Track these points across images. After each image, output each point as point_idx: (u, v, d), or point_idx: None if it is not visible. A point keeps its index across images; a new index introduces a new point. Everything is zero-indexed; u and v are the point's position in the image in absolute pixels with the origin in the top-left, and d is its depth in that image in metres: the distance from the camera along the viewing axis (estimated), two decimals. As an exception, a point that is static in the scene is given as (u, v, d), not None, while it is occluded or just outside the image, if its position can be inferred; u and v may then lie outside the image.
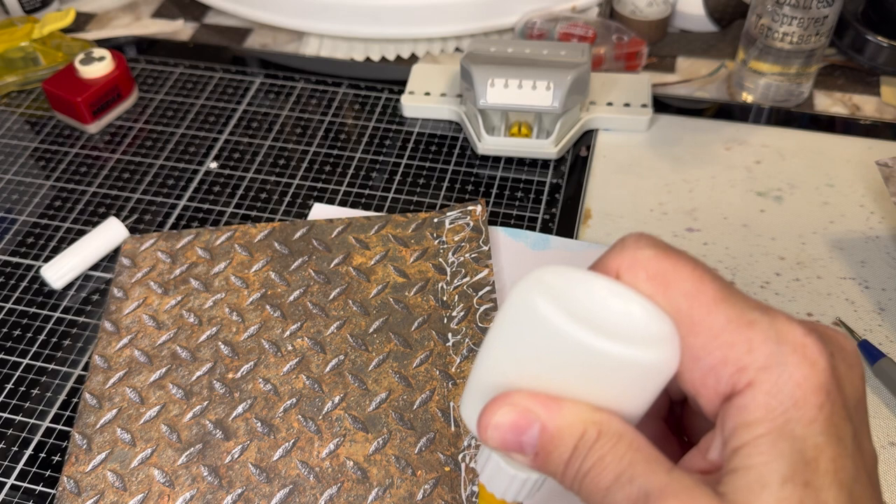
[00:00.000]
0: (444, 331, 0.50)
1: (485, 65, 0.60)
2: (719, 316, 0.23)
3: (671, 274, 0.24)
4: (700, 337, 0.23)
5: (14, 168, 0.65)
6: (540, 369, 0.23)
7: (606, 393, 0.23)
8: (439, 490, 0.44)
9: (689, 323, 0.23)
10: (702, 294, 0.23)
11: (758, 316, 0.23)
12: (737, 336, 0.23)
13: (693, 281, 0.23)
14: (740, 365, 0.22)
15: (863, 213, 0.58)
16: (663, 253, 0.24)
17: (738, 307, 0.23)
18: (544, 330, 0.23)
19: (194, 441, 0.47)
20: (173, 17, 0.81)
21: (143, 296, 0.54)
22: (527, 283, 0.24)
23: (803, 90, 0.66)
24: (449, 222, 0.56)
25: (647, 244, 0.24)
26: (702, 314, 0.23)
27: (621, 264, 0.24)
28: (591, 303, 0.23)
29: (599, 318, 0.23)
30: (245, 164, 0.64)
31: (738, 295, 0.23)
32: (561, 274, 0.24)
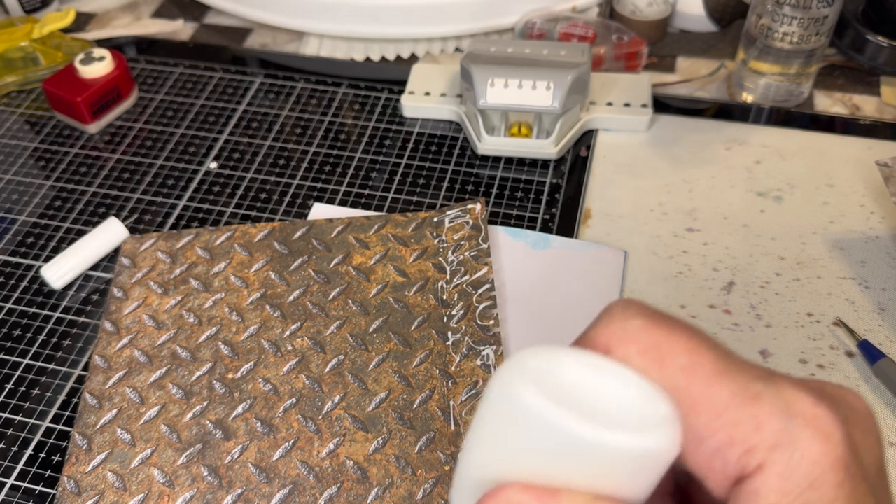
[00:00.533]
0: (444, 330, 0.50)
1: (485, 65, 0.60)
2: (721, 391, 0.21)
3: (666, 346, 0.22)
4: (702, 416, 0.21)
5: (14, 168, 0.65)
6: (531, 461, 0.22)
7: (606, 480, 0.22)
8: (439, 489, 0.44)
9: (688, 401, 0.21)
10: (700, 367, 0.21)
11: (762, 387, 0.21)
12: (742, 413, 0.21)
13: (690, 353, 0.21)
14: (748, 445, 0.21)
15: (863, 213, 0.58)
16: (654, 322, 0.22)
17: (741, 379, 0.21)
18: (531, 420, 0.21)
19: (194, 441, 0.47)
20: (173, 17, 0.81)
21: (143, 296, 0.54)
22: (508, 369, 0.22)
23: (803, 90, 0.66)
24: (448, 221, 0.56)
25: (636, 313, 0.22)
26: (702, 390, 0.21)
27: (610, 338, 0.22)
28: (580, 385, 0.21)
29: (591, 403, 0.21)
30: (245, 164, 0.64)
31: (738, 364, 0.22)
32: (544, 356, 0.22)
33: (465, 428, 0.46)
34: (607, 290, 0.53)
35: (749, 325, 0.51)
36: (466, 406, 0.47)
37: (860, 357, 0.49)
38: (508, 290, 0.53)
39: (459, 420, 0.46)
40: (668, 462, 0.22)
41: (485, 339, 0.50)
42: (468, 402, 0.47)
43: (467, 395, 0.47)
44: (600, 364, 0.22)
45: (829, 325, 0.51)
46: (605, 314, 0.23)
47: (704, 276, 0.54)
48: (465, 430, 0.46)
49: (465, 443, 0.24)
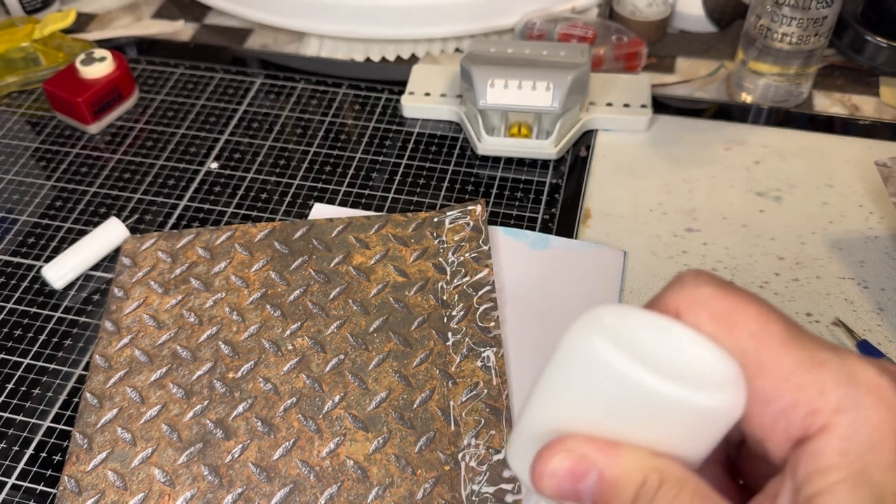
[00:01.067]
0: (444, 330, 0.51)
1: (485, 65, 0.61)
2: (788, 357, 0.22)
3: (736, 313, 0.23)
4: (768, 379, 0.22)
5: (15, 168, 0.66)
6: (597, 413, 0.22)
7: (667, 437, 0.22)
8: (439, 489, 0.44)
9: (756, 364, 0.22)
10: (769, 334, 0.22)
11: (828, 356, 0.22)
12: (808, 377, 0.22)
13: (759, 320, 0.22)
14: (812, 408, 0.21)
15: (862, 213, 0.58)
16: (725, 291, 0.23)
17: (808, 347, 0.22)
18: (603, 372, 0.22)
19: (195, 440, 0.47)
20: (174, 18, 0.81)
21: (144, 295, 0.54)
22: (584, 322, 0.23)
23: (802, 90, 0.66)
24: (449, 222, 0.56)
25: (707, 281, 0.23)
26: (770, 355, 0.22)
27: (680, 303, 0.23)
28: (651, 344, 0.22)
29: (661, 360, 0.22)
30: (245, 165, 0.65)
31: (806, 334, 0.23)
32: (619, 313, 0.23)
33: (464, 428, 0.46)
34: (607, 291, 0.53)
35: (748, 324, 0.51)
36: (466, 407, 0.47)
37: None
38: (508, 290, 0.53)
39: (459, 420, 0.46)
40: (730, 421, 0.22)
41: (485, 340, 0.50)
42: (468, 402, 0.47)
43: (467, 395, 0.47)
44: (671, 326, 0.23)
45: (828, 325, 0.51)
46: (677, 281, 0.24)
47: (704, 276, 0.54)
48: (464, 430, 0.46)
49: (529, 397, 0.24)
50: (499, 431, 0.46)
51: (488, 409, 0.47)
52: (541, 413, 0.24)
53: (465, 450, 0.45)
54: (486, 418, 0.46)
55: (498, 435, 0.46)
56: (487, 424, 0.46)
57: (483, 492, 0.43)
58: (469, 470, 0.44)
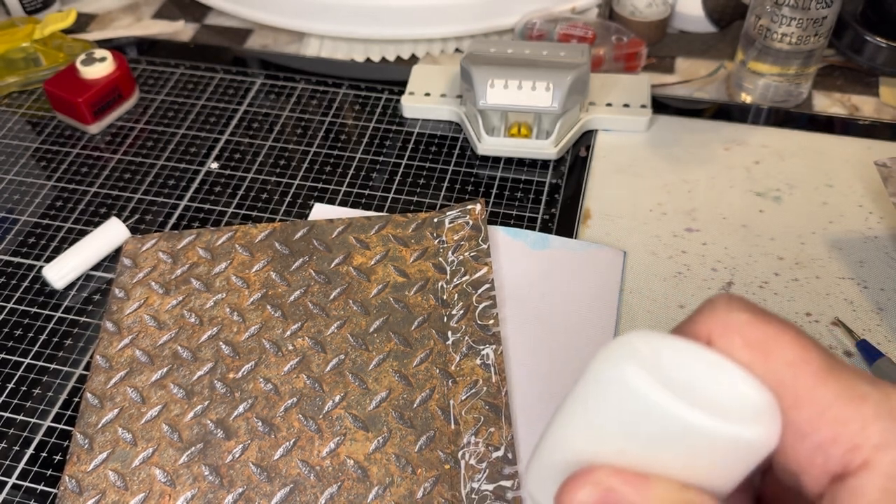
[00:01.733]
0: (444, 329, 0.51)
1: (485, 65, 0.61)
2: (826, 389, 0.21)
3: (771, 341, 0.22)
4: (805, 411, 0.21)
5: (15, 168, 0.66)
6: (626, 443, 0.22)
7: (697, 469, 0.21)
8: (439, 488, 0.44)
9: (792, 395, 0.21)
10: (806, 364, 0.21)
11: (869, 389, 0.21)
12: (847, 411, 0.21)
13: (796, 350, 0.22)
14: (854, 443, 0.21)
15: (861, 213, 0.58)
16: (760, 318, 0.22)
17: (847, 379, 0.21)
18: (634, 401, 0.21)
19: (195, 440, 0.47)
20: (174, 18, 0.81)
21: (145, 296, 0.54)
22: (614, 349, 0.22)
23: (802, 91, 0.66)
24: (448, 222, 0.56)
25: (741, 307, 0.23)
26: (807, 386, 0.21)
27: (713, 329, 0.23)
28: (682, 372, 0.21)
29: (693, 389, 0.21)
30: (246, 165, 0.65)
31: (844, 366, 0.22)
32: (650, 340, 0.22)
33: (464, 427, 0.46)
34: (606, 290, 0.53)
35: (748, 324, 0.51)
36: (466, 405, 0.47)
37: (859, 357, 0.50)
38: (508, 290, 0.53)
39: (459, 419, 0.46)
40: (763, 454, 0.22)
41: (485, 338, 0.50)
42: (468, 401, 0.47)
43: (467, 394, 0.47)
44: (704, 354, 0.22)
45: (827, 324, 0.51)
46: (708, 306, 0.23)
47: (703, 276, 0.54)
48: (464, 428, 0.46)
49: (552, 424, 0.23)
50: (498, 429, 0.46)
51: (487, 406, 0.47)
52: (566, 441, 0.23)
53: (465, 448, 0.45)
54: (486, 416, 0.46)
55: (497, 432, 0.46)
56: (487, 422, 0.46)
57: (483, 489, 0.43)
58: (469, 468, 0.44)
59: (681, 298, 0.53)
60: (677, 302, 0.53)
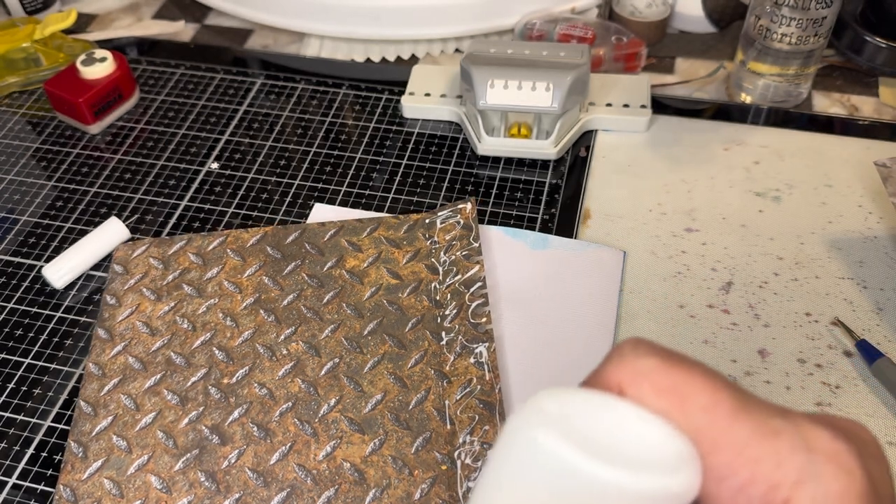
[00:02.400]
0: (438, 330, 0.51)
1: (485, 66, 0.61)
2: (741, 428, 0.21)
3: (682, 386, 0.22)
4: (723, 454, 0.21)
5: (16, 168, 0.66)
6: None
7: None
8: (436, 489, 0.44)
9: (709, 440, 0.21)
10: (719, 406, 0.21)
11: (780, 423, 0.21)
12: (763, 449, 0.21)
13: (708, 392, 0.21)
14: (772, 482, 0.20)
15: (861, 213, 0.58)
16: (669, 362, 0.22)
17: (759, 416, 0.21)
18: (549, 464, 0.21)
19: (191, 447, 0.47)
20: (174, 19, 0.81)
21: (136, 302, 0.54)
22: (522, 414, 0.22)
23: (802, 91, 0.66)
24: (440, 222, 0.56)
25: (648, 351, 0.22)
26: (722, 428, 0.21)
27: (623, 378, 0.22)
28: (598, 427, 0.21)
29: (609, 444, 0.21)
30: (246, 165, 0.65)
31: (755, 401, 0.22)
32: (559, 398, 0.22)
33: (460, 427, 0.46)
34: (606, 290, 0.53)
35: (747, 324, 0.51)
36: (461, 405, 0.47)
37: (858, 356, 0.49)
38: (508, 290, 0.53)
39: (455, 419, 0.46)
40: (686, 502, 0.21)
41: (477, 336, 0.50)
42: (462, 400, 0.47)
43: (461, 393, 0.47)
44: (615, 405, 0.22)
45: (827, 324, 0.51)
46: (616, 353, 0.23)
47: (703, 276, 0.54)
48: (460, 428, 0.46)
49: (476, 489, 0.23)
50: (492, 426, 0.46)
51: (482, 404, 0.47)
52: None
53: (461, 448, 0.45)
54: (480, 414, 0.46)
55: (492, 430, 0.46)
56: (482, 420, 0.46)
57: None
58: (465, 467, 0.44)
59: (680, 298, 0.53)
60: (677, 302, 0.53)
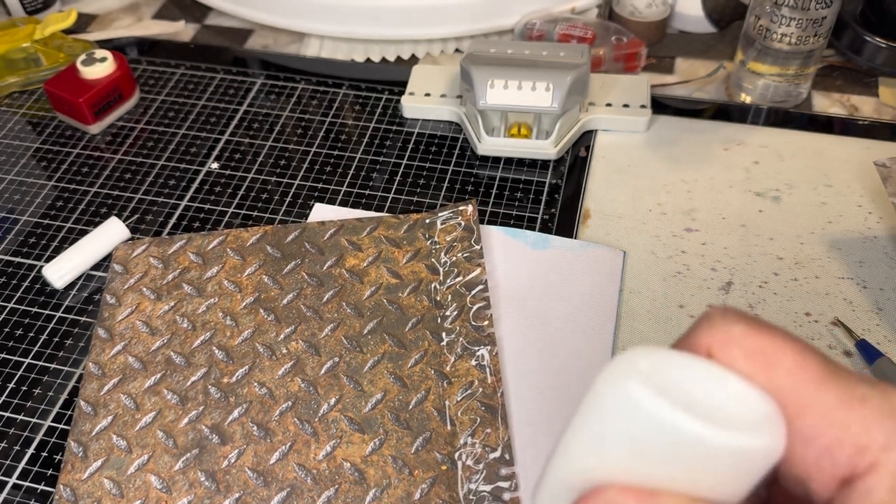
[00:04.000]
0: (438, 330, 0.51)
1: (485, 66, 0.61)
2: (828, 394, 0.21)
3: (770, 350, 0.22)
4: (809, 418, 0.21)
5: (16, 168, 0.66)
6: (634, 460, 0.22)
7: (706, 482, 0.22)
8: (436, 489, 0.44)
9: (795, 403, 0.22)
10: (806, 371, 0.22)
11: (869, 391, 0.21)
12: (850, 414, 0.21)
13: (795, 357, 0.22)
14: (859, 445, 0.21)
15: (861, 213, 0.58)
16: (758, 328, 0.22)
17: (847, 383, 0.21)
18: (639, 417, 0.21)
19: (191, 446, 0.47)
20: (175, 19, 0.81)
21: (136, 302, 0.54)
22: (616, 367, 0.22)
23: (802, 91, 0.66)
24: (441, 223, 0.56)
25: (737, 318, 0.23)
26: (809, 393, 0.21)
27: (712, 342, 0.23)
28: (687, 386, 0.22)
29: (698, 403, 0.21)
30: (246, 165, 0.65)
31: (843, 370, 0.22)
32: (650, 356, 0.22)
33: (460, 428, 0.46)
34: (606, 290, 0.53)
35: (746, 325, 0.51)
36: (462, 406, 0.47)
37: (858, 356, 0.49)
38: (507, 290, 0.53)
39: (455, 420, 0.46)
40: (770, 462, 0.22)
41: (479, 339, 0.50)
42: (463, 401, 0.47)
43: (462, 395, 0.47)
44: (705, 367, 0.22)
45: (827, 324, 0.51)
46: (705, 319, 0.23)
47: (703, 276, 0.54)
48: (460, 429, 0.46)
49: (559, 444, 0.24)
50: (494, 429, 0.46)
51: (483, 407, 0.47)
52: (573, 461, 0.23)
53: (462, 449, 0.45)
54: (482, 417, 0.46)
55: (494, 433, 0.46)
56: (483, 423, 0.46)
57: (480, 490, 0.44)
58: (466, 469, 0.44)
59: (680, 298, 0.53)
60: (677, 302, 0.53)
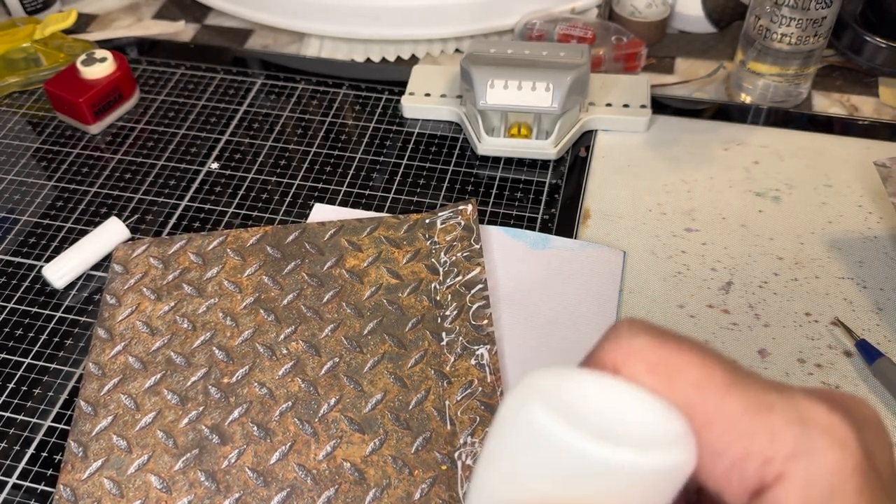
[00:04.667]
0: (438, 330, 0.51)
1: (485, 66, 0.61)
2: (734, 403, 0.21)
3: (674, 362, 0.22)
4: (716, 429, 0.21)
5: (16, 168, 0.66)
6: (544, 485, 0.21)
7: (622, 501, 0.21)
8: (436, 489, 0.44)
9: (702, 415, 0.21)
10: (711, 381, 0.21)
11: (775, 397, 0.21)
12: (756, 423, 0.21)
13: (699, 367, 0.21)
14: (765, 456, 0.20)
15: (861, 213, 0.58)
16: (661, 339, 0.22)
17: (752, 390, 0.21)
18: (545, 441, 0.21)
19: (191, 446, 0.47)
20: (175, 19, 0.81)
21: (136, 302, 0.54)
22: (519, 392, 0.22)
23: (802, 91, 0.66)
24: (440, 223, 0.56)
25: (642, 330, 0.22)
26: (714, 403, 0.21)
27: (617, 357, 0.22)
28: (593, 405, 0.21)
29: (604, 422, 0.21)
30: (246, 165, 0.65)
31: (749, 376, 0.22)
32: (555, 377, 0.22)
33: (460, 427, 0.46)
34: (606, 290, 0.53)
35: (747, 324, 0.51)
36: (462, 406, 0.47)
37: (858, 356, 0.49)
38: (508, 291, 0.53)
39: (455, 420, 0.46)
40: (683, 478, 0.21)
41: (479, 338, 0.50)
42: (463, 401, 0.47)
43: (462, 394, 0.47)
44: (610, 383, 0.22)
45: (827, 324, 0.51)
46: (611, 334, 0.23)
47: (703, 276, 0.54)
48: (460, 429, 0.46)
49: (476, 468, 0.23)
50: None
51: (483, 406, 0.47)
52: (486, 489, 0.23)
53: (462, 448, 0.45)
54: (482, 416, 0.46)
55: None
56: (483, 422, 0.46)
57: None
58: (466, 468, 0.44)
59: (680, 298, 0.53)
60: (677, 302, 0.53)
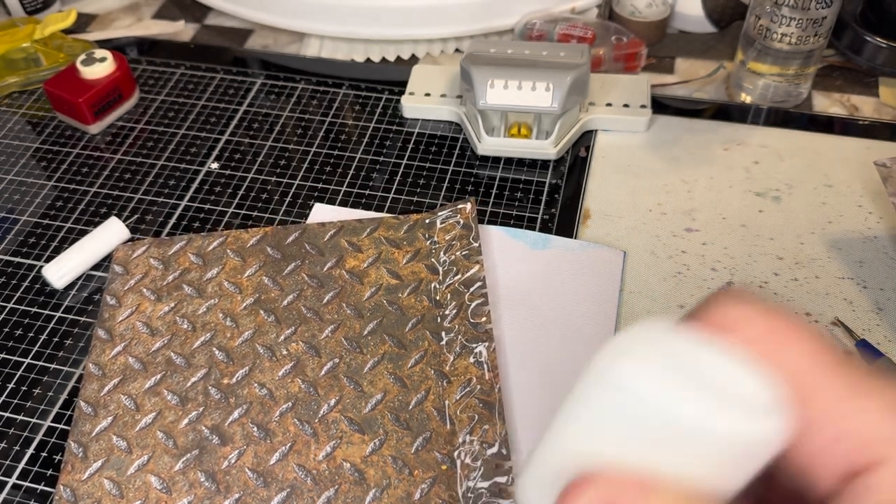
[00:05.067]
0: (438, 330, 0.51)
1: (485, 66, 0.61)
2: (839, 383, 0.20)
3: (782, 334, 0.21)
4: (817, 406, 0.20)
5: (16, 168, 0.66)
6: (628, 446, 0.20)
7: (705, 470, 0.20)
8: (437, 489, 0.44)
9: (804, 389, 0.20)
10: (822, 356, 0.20)
11: (878, 382, 0.20)
12: (860, 405, 0.20)
13: (808, 342, 0.21)
14: (867, 438, 0.20)
15: (861, 213, 0.58)
16: (769, 311, 0.21)
17: (857, 373, 0.20)
18: (635, 401, 0.20)
19: (191, 447, 0.47)
20: (174, 19, 0.81)
21: (137, 303, 0.54)
22: (613, 347, 0.21)
23: (802, 91, 0.66)
24: (440, 222, 0.56)
25: (749, 299, 0.22)
26: (820, 380, 0.20)
27: (721, 321, 0.21)
28: (688, 367, 0.20)
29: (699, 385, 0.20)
30: (246, 165, 0.65)
31: (854, 359, 0.21)
32: (652, 335, 0.21)
33: (459, 426, 0.46)
34: (607, 290, 0.53)
35: (747, 325, 0.51)
36: (461, 404, 0.47)
37: (858, 357, 0.49)
38: (508, 291, 0.53)
39: (454, 419, 0.46)
40: (774, 450, 0.20)
41: (477, 336, 0.50)
42: (462, 400, 0.47)
43: (461, 393, 0.47)
44: (711, 347, 0.21)
45: (827, 324, 0.51)
46: (719, 297, 0.22)
47: (703, 276, 0.54)
48: (459, 428, 0.46)
49: (551, 425, 0.22)
50: (492, 426, 0.46)
51: (481, 403, 0.47)
52: (564, 446, 0.21)
53: (461, 447, 0.45)
54: (480, 413, 0.46)
55: (491, 429, 0.46)
56: (481, 420, 0.46)
57: (478, 487, 0.43)
58: (464, 467, 0.44)
59: (680, 298, 0.53)
60: (677, 302, 0.53)
